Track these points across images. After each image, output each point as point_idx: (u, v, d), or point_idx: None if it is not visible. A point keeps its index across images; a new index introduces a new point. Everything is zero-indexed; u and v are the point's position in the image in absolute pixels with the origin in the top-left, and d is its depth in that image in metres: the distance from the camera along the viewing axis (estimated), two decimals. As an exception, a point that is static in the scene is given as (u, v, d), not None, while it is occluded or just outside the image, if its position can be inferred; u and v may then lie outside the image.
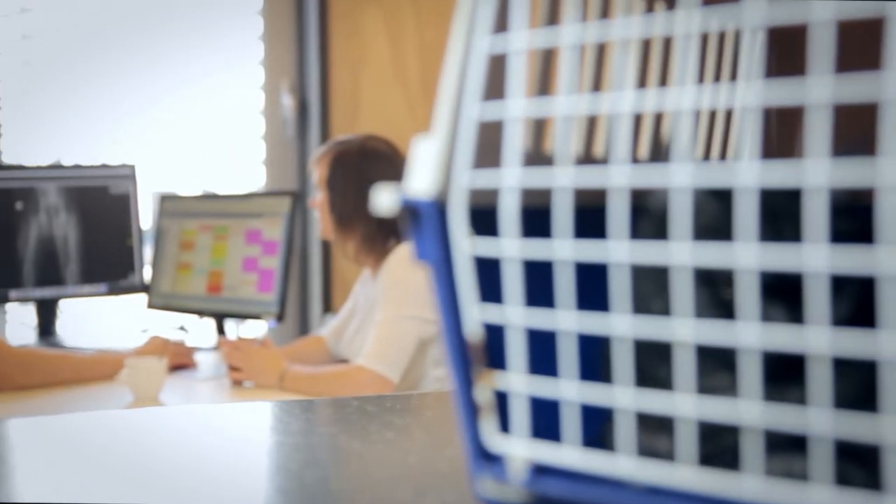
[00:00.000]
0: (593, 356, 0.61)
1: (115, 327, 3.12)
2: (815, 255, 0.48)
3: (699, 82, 0.84)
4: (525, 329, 0.59)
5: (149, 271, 3.03)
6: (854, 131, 0.53)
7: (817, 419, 0.48)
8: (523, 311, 0.58)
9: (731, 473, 0.52)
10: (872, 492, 0.48)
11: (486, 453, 0.62)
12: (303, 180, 3.40)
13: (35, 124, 3.13)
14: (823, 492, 0.49)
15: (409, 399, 1.29)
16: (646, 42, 0.80)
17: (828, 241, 0.48)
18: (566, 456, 0.58)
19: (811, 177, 0.47)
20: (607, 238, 0.55)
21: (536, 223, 0.59)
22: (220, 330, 2.83)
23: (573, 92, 0.59)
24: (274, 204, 2.75)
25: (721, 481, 0.52)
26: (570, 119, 0.59)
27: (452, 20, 0.62)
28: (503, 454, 0.61)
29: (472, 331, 0.61)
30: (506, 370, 0.60)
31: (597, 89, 0.75)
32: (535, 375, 0.59)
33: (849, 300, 0.56)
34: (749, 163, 0.50)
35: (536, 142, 0.72)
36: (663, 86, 0.82)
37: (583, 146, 0.77)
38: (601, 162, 0.78)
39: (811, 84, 0.47)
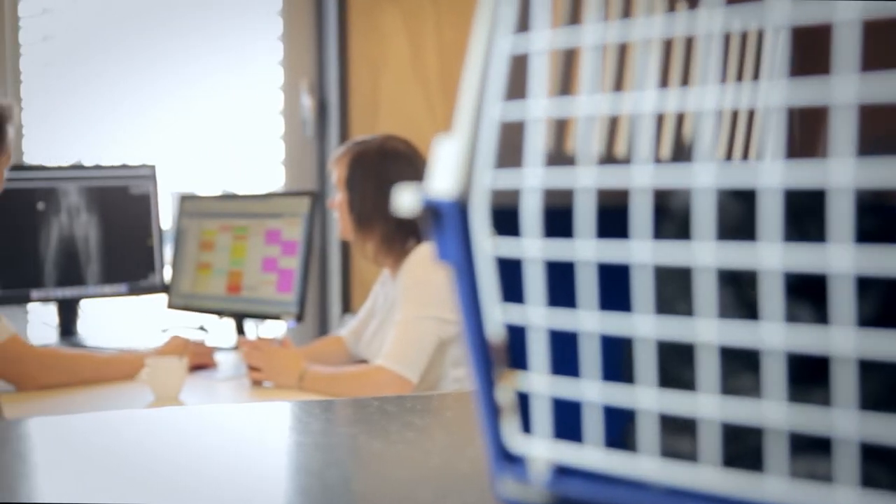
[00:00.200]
0: (613, 356, 0.61)
1: (136, 327, 3.13)
2: (841, 256, 0.47)
3: (721, 82, 0.83)
4: (547, 330, 0.59)
5: (169, 271, 3.04)
6: (879, 131, 0.53)
7: (842, 421, 0.48)
8: (546, 312, 0.58)
9: (755, 475, 0.52)
10: (898, 494, 0.48)
11: (508, 454, 0.62)
12: (322, 180, 3.40)
13: (56, 125, 3.14)
14: (849, 494, 0.49)
15: (430, 399, 1.29)
16: (668, 41, 0.80)
17: (853, 242, 0.47)
18: (588, 457, 0.58)
19: (836, 176, 0.47)
20: (629, 238, 0.54)
21: (557, 224, 0.58)
22: (240, 330, 2.84)
23: (595, 92, 0.59)
24: (293, 204, 2.75)
25: (745, 483, 0.52)
26: (592, 119, 0.59)
27: (472, 20, 0.62)
28: (525, 455, 0.61)
29: (494, 331, 0.61)
30: (527, 371, 0.60)
31: (618, 89, 0.75)
32: (557, 376, 0.59)
33: (874, 300, 0.55)
34: (773, 163, 0.50)
35: (558, 142, 0.71)
36: (685, 85, 0.82)
37: (604, 146, 0.77)
38: (623, 162, 0.77)
39: (836, 83, 0.47)
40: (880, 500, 0.48)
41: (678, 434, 0.59)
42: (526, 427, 0.61)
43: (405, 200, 0.61)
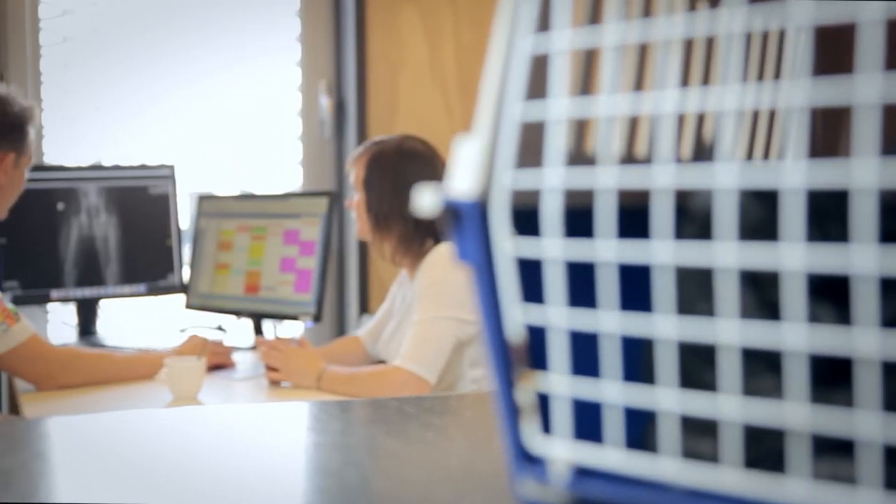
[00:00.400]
0: (633, 357, 0.61)
1: (155, 327, 3.14)
2: (864, 256, 0.47)
3: (743, 81, 0.83)
4: (567, 330, 0.59)
5: (187, 271, 3.05)
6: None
7: (866, 423, 0.48)
8: (566, 313, 0.58)
9: (777, 477, 0.51)
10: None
11: (528, 455, 0.62)
12: (340, 181, 3.41)
13: (76, 125, 3.16)
14: (872, 496, 0.48)
15: (448, 400, 1.29)
16: (688, 41, 0.80)
17: (877, 242, 0.47)
18: (608, 458, 0.58)
19: (860, 177, 0.47)
20: (650, 239, 0.54)
21: (577, 224, 0.58)
22: (258, 330, 2.84)
23: (616, 91, 0.59)
24: (311, 204, 2.75)
25: (766, 485, 0.52)
26: (613, 119, 0.59)
27: (490, 21, 0.62)
28: (544, 456, 0.61)
29: (514, 332, 0.61)
30: (547, 371, 0.60)
31: (639, 89, 0.74)
32: (577, 377, 0.59)
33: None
34: (795, 163, 0.50)
35: (578, 142, 0.71)
36: (706, 85, 0.81)
37: (625, 146, 0.77)
38: (643, 162, 0.77)
39: (860, 83, 0.46)
40: (904, 503, 0.48)
41: (699, 435, 0.59)
42: (546, 428, 0.61)
43: (425, 201, 0.61)
